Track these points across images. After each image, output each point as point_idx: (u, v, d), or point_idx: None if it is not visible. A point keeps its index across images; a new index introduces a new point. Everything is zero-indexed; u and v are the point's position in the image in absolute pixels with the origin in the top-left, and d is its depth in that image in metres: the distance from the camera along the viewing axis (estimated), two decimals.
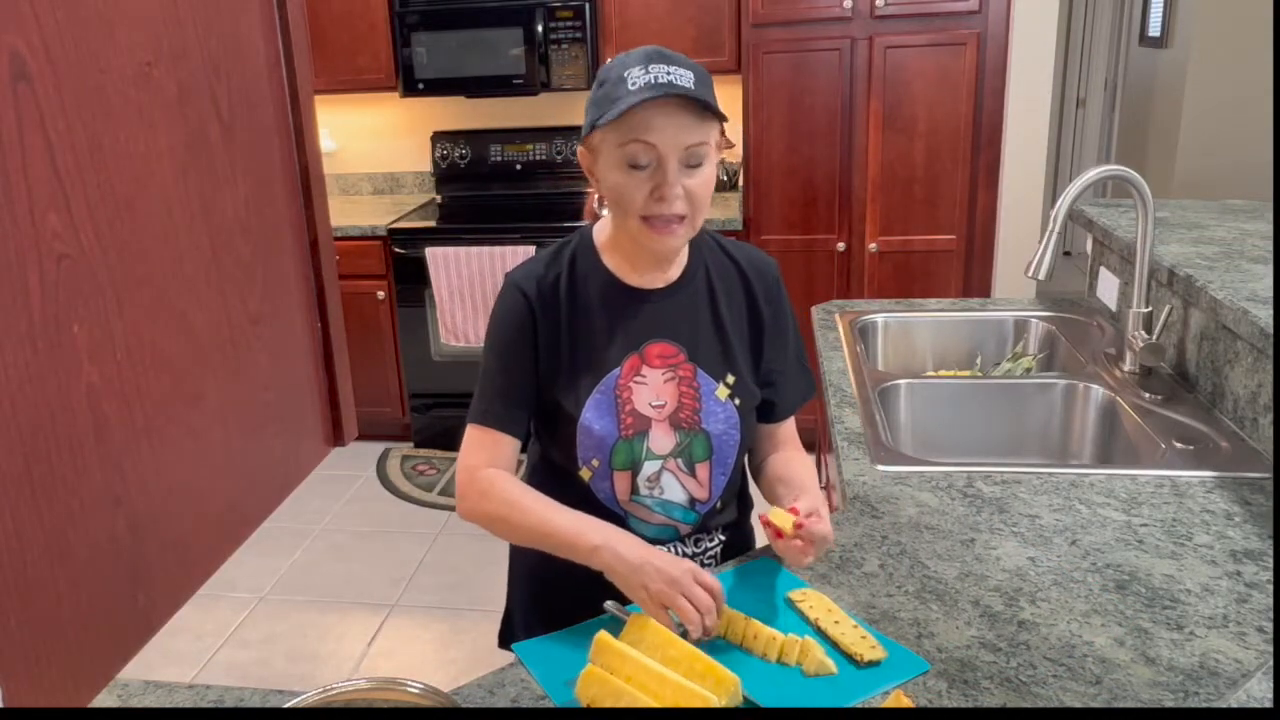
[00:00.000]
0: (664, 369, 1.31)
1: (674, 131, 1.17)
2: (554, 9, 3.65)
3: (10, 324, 0.56)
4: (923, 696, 1.03)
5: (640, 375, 1.30)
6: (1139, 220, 1.78)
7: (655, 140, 1.16)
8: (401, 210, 4.02)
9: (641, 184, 1.19)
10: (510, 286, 1.31)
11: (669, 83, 1.15)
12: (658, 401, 1.30)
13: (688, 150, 1.18)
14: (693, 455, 1.31)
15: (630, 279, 1.31)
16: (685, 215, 1.21)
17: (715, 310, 1.34)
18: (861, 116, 3.40)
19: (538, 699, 1.06)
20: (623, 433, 1.29)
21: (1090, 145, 6.21)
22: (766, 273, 1.38)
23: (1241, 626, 1.12)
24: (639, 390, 1.30)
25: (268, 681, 2.66)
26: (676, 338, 1.31)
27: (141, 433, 0.67)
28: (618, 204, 1.23)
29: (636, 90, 1.15)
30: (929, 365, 2.28)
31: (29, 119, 0.57)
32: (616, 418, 1.29)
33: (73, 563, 0.61)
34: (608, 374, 1.29)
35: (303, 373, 0.89)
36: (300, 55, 0.87)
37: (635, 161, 1.18)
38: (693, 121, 1.17)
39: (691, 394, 1.31)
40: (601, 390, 1.28)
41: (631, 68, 1.17)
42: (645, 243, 1.24)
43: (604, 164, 1.22)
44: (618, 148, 1.19)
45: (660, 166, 1.18)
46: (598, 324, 1.30)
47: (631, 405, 1.29)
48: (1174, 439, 1.58)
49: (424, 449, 4.05)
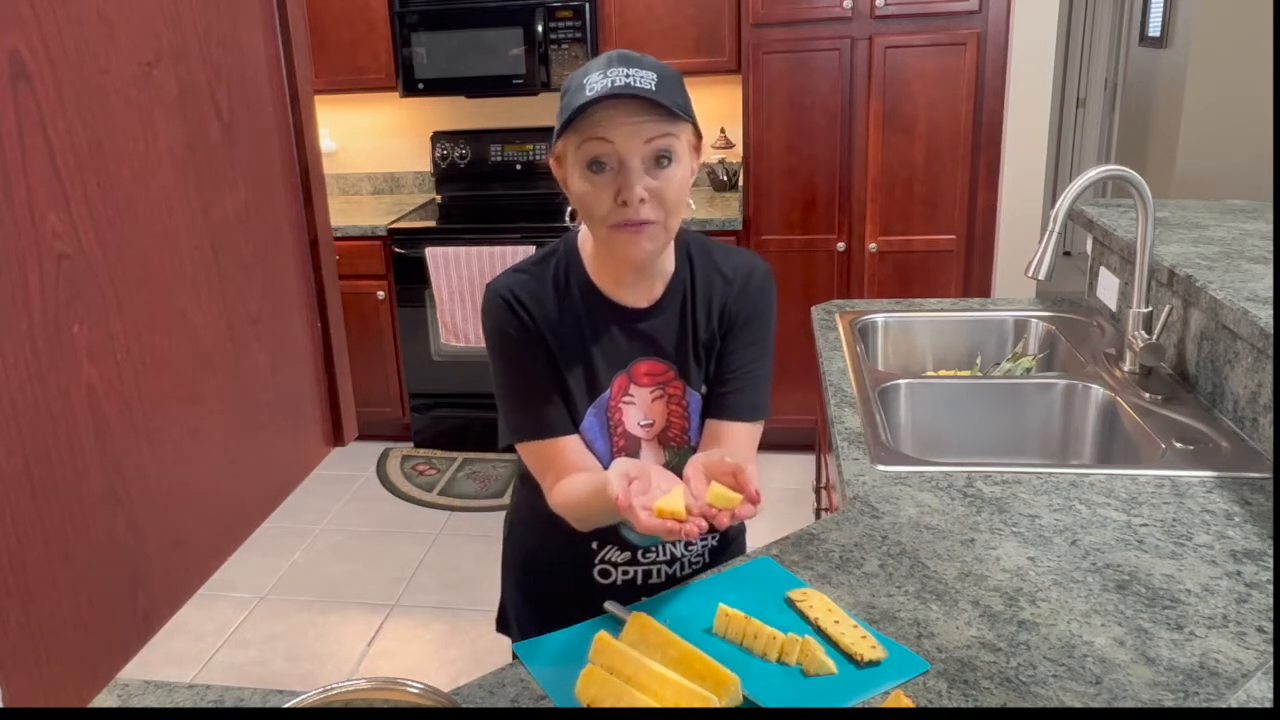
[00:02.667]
0: (652, 387, 1.29)
1: (632, 129, 1.11)
2: (554, 9, 3.65)
3: (10, 324, 0.56)
4: (923, 696, 1.03)
5: (628, 395, 1.28)
6: (1139, 220, 1.78)
7: (613, 137, 1.11)
8: (401, 210, 4.02)
9: (605, 189, 1.14)
10: (493, 296, 1.26)
11: (625, 85, 1.10)
12: (645, 421, 1.29)
13: (649, 146, 1.12)
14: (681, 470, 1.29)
15: (616, 295, 1.27)
16: (654, 220, 1.15)
17: (695, 324, 1.29)
18: (861, 116, 3.40)
19: (538, 699, 1.06)
20: (615, 454, 1.28)
21: (1090, 145, 6.21)
22: (751, 275, 1.31)
23: (1241, 626, 1.12)
24: (628, 410, 1.29)
25: (268, 681, 2.67)
26: (664, 355, 1.28)
27: (141, 433, 0.67)
28: (586, 212, 1.18)
29: (594, 96, 1.11)
30: (929, 365, 2.28)
31: (29, 119, 0.57)
32: (609, 439, 1.29)
33: (73, 563, 0.61)
34: (600, 394, 1.27)
35: (303, 373, 0.89)
36: (300, 55, 0.87)
37: (596, 159, 1.13)
38: (653, 119, 1.12)
39: (680, 412, 1.30)
40: (595, 411, 1.28)
41: (592, 73, 1.13)
42: (616, 251, 1.19)
43: (570, 172, 1.18)
44: (577, 150, 1.14)
45: (622, 168, 1.13)
46: (586, 339, 1.27)
47: (623, 427, 1.29)
48: (1174, 439, 1.58)
49: (424, 449, 4.05)
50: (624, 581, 1.37)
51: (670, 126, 1.14)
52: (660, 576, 1.38)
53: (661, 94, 1.11)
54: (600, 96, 1.09)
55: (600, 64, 1.14)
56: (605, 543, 1.35)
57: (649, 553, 1.36)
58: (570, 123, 1.12)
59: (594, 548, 1.35)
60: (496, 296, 1.25)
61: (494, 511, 3.54)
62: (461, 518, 3.53)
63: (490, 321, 1.27)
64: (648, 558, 1.36)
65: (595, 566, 1.37)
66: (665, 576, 1.38)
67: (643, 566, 1.37)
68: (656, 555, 1.36)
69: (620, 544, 1.35)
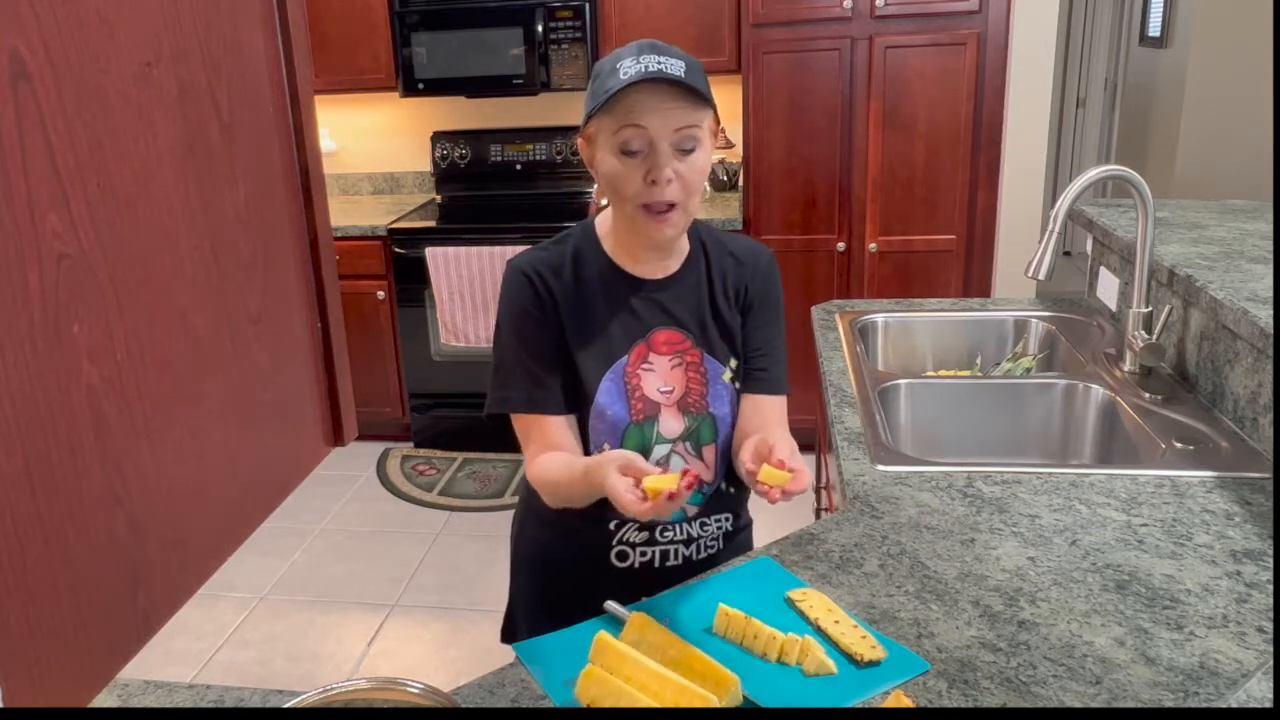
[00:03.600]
0: (671, 355, 1.34)
1: (664, 115, 1.20)
2: (554, 9, 3.65)
3: (10, 324, 0.56)
4: (923, 696, 1.03)
5: (647, 362, 1.33)
6: (1139, 220, 1.78)
7: (646, 123, 1.20)
8: (401, 210, 4.02)
9: (635, 170, 1.23)
10: (514, 271, 1.34)
11: (659, 71, 1.19)
12: (665, 388, 1.34)
13: (678, 134, 1.22)
14: (700, 438, 1.35)
15: (633, 269, 1.35)
16: (678, 202, 1.24)
17: (714, 297, 1.37)
18: (861, 116, 3.40)
19: (538, 699, 1.06)
20: (634, 418, 1.32)
21: (1090, 145, 6.21)
22: (760, 257, 1.42)
23: (1241, 626, 1.12)
24: (647, 377, 1.33)
25: (268, 681, 2.67)
26: (682, 325, 1.35)
27: (141, 432, 0.67)
28: (614, 191, 1.26)
29: (628, 80, 1.19)
30: (929, 365, 2.28)
31: (29, 119, 0.57)
32: (627, 403, 1.32)
33: (73, 563, 0.61)
34: (616, 361, 1.32)
35: (303, 372, 0.89)
36: (300, 55, 0.87)
37: (628, 147, 1.22)
38: (683, 106, 1.21)
39: (699, 378, 1.35)
40: (612, 377, 1.32)
41: (624, 59, 1.21)
42: (642, 230, 1.27)
43: (600, 152, 1.26)
44: (612, 135, 1.23)
45: (652, 150, 1.22)
46: (603, 312, 1.33)
47: (641, 391, 1.33)
48: (1174, 439, 1.58)
49: (424, 449, 4.05)
50: (641, 564, 1.38)
51: (696, 115, 1.23)
52: (677, 558, 1.39)
53: (689, 79, 1.20)
54: (636, 80, 1.18)
55: (632, 51, 1.22)
56: (623, 522, 1.36)
57: (666, 531, 1.38)
58: (605, 105, 1.20)
59: (611, 529, 1.37)
60: (518, 272, 1.33)
61: (494, 511, 3.55)
62: (461, 518, 3.53)
63: (507, 293, 1.35)
64: (665, 536, 1.38)
65: (613, 549, 1.38)
66: (682, 559, 1.39)
67: (660, 546, 1.38)
68: (674, 534, 1.38)
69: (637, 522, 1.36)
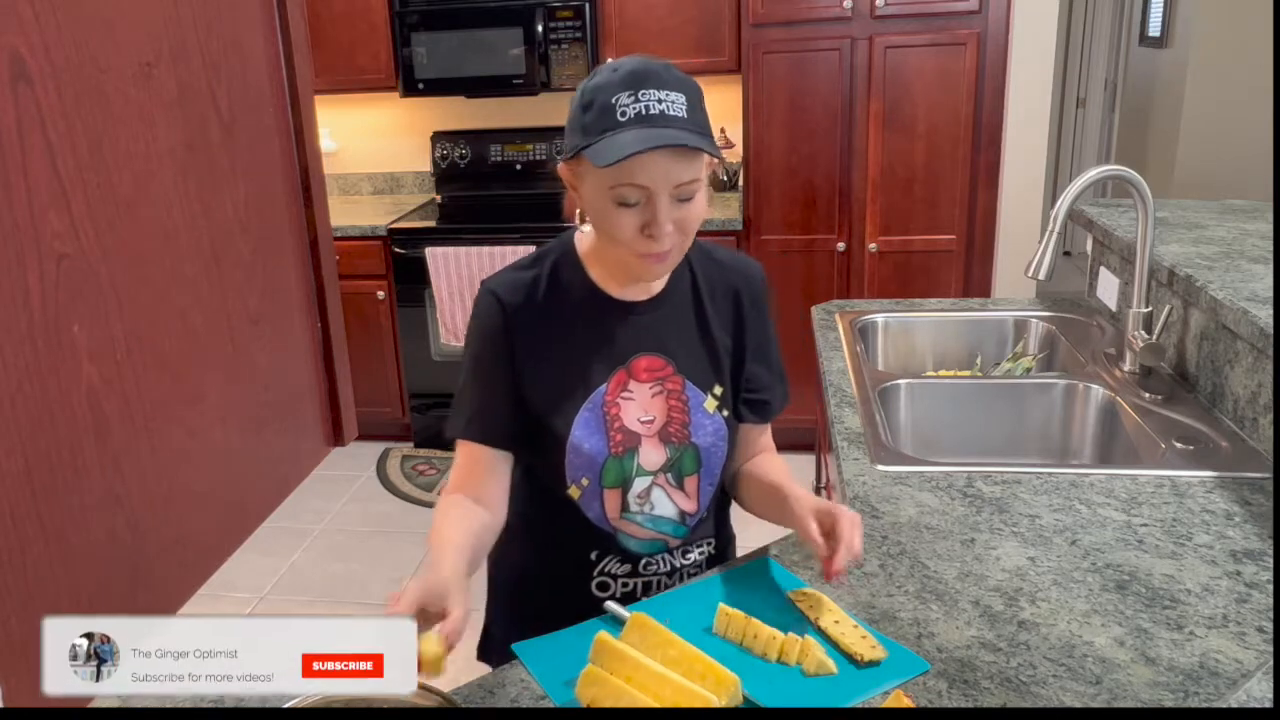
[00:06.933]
0: (651, 383, 1.27)
1: (665, 171, 1.12)
2: (554, 9, 3.65)
3: (10, 324, 0.56)
4: (923, 696, 1.03)
5: (627, 390, 1.27)
6: (1139, 220, 1.78)
7: (647, 182, 1.12)
8: (401, 210, 4.02)
9: (631, 219, 1.14)
10: (486, 294, 1.26)
11: (660, 114, 1.10)
12: (646, 417, 1.27)
13: (680, 188, 1.14)
14: (682, 469, 1.29)
15: (615, 292, 1.27)
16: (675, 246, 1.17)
17: (702, 318, 1.30)
18: (861, 116, 3.40)
19: (538, 699, 1.06)
20: (613, 450, 1.26)
21: (1090, 145, 6.21)
22: (753, 277, 1.35)
23: (1241, 626, 1.12)
24: (627, 406, 1.27)
25: None
26: (663, 350, 1.28)
27: (141, 433, 0.67)
28: (607, 236, 1.18)
29: (627, 123, 1.10)
30: (929, 365, 2.28)
31: (29, 119, 0.57)
32: (606, 435, 1.26)
33: (73, 563, 0.61)
34: (594, 390, 1.26)
35: (302, 373, 0.89)
36: (300, 55, 0.87)
37: (624, 200, 1.14)
38: (687, 161, 1.12)
39: (680, 407, 1.28)
40: (589, 407, 1.25)
41: (619, 93, 1.12)
42: (633, 269, 1.21)
43: (590, 191, 1.17)
44: (607, 188, 1.14)
45: (650, 203, 1.13)
46: (582, 338, 1.26)
47: (620, 422, 1.26)
48: (1174, 439, 1.58)
49: (424, 449, 4.05)
50: (623, 594, 1.34)
51: (699, 165, 1.15)
52: (660, 589, 1.34)
53: (692, 121, 1.12)
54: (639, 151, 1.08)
55: (625, 81, 1.13)
56: (605, 553, 1.32)
57: (650, 564, 1.33)
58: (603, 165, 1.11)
59: (593, 559, 1.32)
60: (488, 294, 1.26)
61: None
62: None
63: (474, 319, 1.28)
64: (649, 569, 1.33)
65: (594, 579, 1.33)
66: (664, 589, 1.34)
67: (643, 578, 1.34)
68: (658, 566, 1.34)
69: (622, 555, 1.32)
